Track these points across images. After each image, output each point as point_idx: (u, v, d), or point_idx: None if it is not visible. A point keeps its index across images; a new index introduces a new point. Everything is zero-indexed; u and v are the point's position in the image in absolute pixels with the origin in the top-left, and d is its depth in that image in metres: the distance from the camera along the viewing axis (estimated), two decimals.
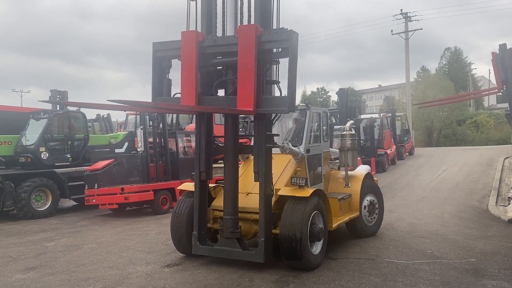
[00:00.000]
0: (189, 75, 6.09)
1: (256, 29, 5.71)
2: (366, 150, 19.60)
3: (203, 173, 6.49)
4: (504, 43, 9.22)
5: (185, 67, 6.16)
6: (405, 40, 34.75)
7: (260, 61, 5.86)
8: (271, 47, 5.94)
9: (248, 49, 5.71)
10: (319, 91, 68.77)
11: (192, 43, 6.06)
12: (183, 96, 6.14)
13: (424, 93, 40.86)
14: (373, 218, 8.33)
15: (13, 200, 11.49)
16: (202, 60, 6.20)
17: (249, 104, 5.69)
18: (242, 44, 5.77)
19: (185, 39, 6.14)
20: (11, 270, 6.68)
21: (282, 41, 5.75)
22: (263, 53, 5.85)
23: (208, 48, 6.19)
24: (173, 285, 5.68)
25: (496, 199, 12.36)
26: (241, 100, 5.76)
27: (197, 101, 6.08)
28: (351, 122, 9.04)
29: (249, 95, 5.70)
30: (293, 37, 5.65)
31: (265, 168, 6.08)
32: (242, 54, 5.77)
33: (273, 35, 5.79)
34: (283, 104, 5.70)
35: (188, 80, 6.11)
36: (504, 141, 33.50)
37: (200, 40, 6.10)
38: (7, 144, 12.78)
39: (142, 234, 9.13)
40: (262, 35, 5.77)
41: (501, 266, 6.27)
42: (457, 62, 58.72)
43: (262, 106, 5.81)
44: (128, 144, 14.38)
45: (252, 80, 5.68)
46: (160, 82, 6.63)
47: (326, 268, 6.25)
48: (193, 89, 6.06)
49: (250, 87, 5.69)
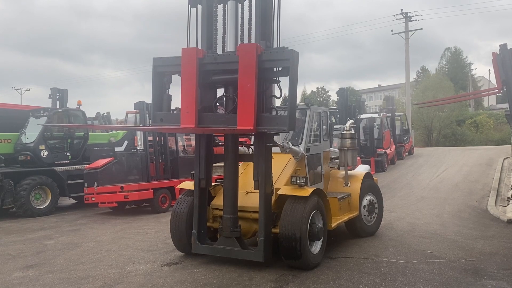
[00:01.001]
0: (189, 91, 6.09)
1: (256, 48, 5.71)
2: (366, 150, 19.62)
3: (203, 181, 6.50)
4: (505, 44, 9.23)
5: (185, 83, 6.15)
6: (405, 40, 34.72)
7: (261, 79, 5.86)
8: (271, 66, 5.94)
9: (249, 68, 5.71)
10: (319, 90, 68.89)
11: (193, 60, 6.05)
12: (183, 113, 6.14)
13: (424, 93, 40.86)
14: (373, 217, 8.34)
15: (12, 198, 11.49)
16: (202, 76, 6.20)
17: (249, 122, 5.69)
18: (242, 63, 5.76)
19: (185, 56, 6.14)
20: (10, 268, 6.68)
21: (283, 60, 5.75)
22: (263, 71, 5.85)
23: (208, 65, 6.19)
24: (172, 284, 5.68)
25: (496, 199, 12.37)
26: (241, 118, 5.76)
27: (197, 118, 6.07)
28: (351, 122, 9.04)
29: (250, 113, 5.70)
30: (293, 57, 5.64)
31: (265, 168, 6.08)
32: (242, 73, 5.77)
33: (273, 55, 5.80)
34: (283, 122, 5.68)
35: (188, 97, 6.10)
36: (503, 141, 33.54)
37: (201, 57, 6.09)
38: (7, 142, 12.77)
39: (142, 233, 9.13)
40: (263, 54, 5.77)
41: (500, 266, 6.27)
42: (457, 62, 58.74)
43: (262, 124, 5.79)
44: (127, 142, 14.37)
45: (253, 98, 5.68)
46: (160, 97, 6.65)
47: (325, 268, 6.26)
48: (193, 106, 6.05)
49: (250, 105, 5.69)
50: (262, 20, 6.08)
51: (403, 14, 34.67)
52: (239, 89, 5.79)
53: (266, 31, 6.12)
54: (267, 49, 5.92)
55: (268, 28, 6.15)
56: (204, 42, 6.42)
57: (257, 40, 6.09)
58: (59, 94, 15.37)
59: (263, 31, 6.10)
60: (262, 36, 6.09)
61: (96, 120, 20.44)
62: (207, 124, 6.14)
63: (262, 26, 6.09)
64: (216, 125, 6.13)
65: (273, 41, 6.21)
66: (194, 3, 6.53)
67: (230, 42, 6.43)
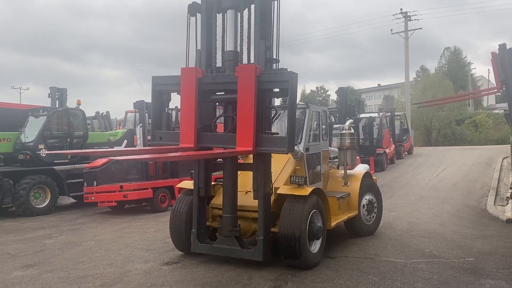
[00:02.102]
0: (189, 111, 6.12)
1: (255, 69, 5.73)
2: (365, 149, 19.61)
3: (202, 189, 6.51)
4: (504, 43, 9.23)
5: (185, 103, 6.18)
6: (405, 39, 34.75)
7: (260, 100, 5.87)
8: (270, 87, 5.97)
9: (248, 89, 5.74)
10: (319, 90, 68.84)
11: (192, 80, 6.08)
12: (182, 132, 6.17)
13: (423, 93, 40.87)
14: (372, 217, 8.35)
15: (12, 197, 11.49)
16: (202, 96, 6.23)
17: (248, 143, 5.72)
18: (241, 84, 5.79)
19: (185, 76, 6.17)
20: (9, 267, 6.69)
21: (282, 82, 5.78)
22: (262, 92, 5.88)
23: (208, 85, 6.23)
24: (171, 283, 5.69)
25: (495, 198, 12.39)
26: (240, 139, 5.79)
27: (196, 137, 6.10)
28: (350, 121, 9.04)
29: (249, 134, 5.73)
30: (292, 79, 5.67)
31: (264, 167, 6.09)
32: (241, 94, 5.80)
33: (272, 76, 5.84)
34: (282, 144, 5.70)
35: (187, 116, 6.14)
36: (503, 141, 33.53)
37: (200, 77, 6.12)
38: (6, 141, 12.77)
39: (141, 232, 9.14)
40: (262, 75, 5.79)
41: (499, 265, 6.29)
42: (457, 62, 58.79)
43: (262, 145, 5.81)
44: (127, 141, 14.37)
45: (252, 119, 5.71)
46: (159, 115, 6.70)
47: (324, 267, 6.27)
48: (192, 125, 6.08)
49: (249, 126, 5.72)
50: (261, 27, 6.11)
51: (402, 13, 34.71)
52: (238, 110, 5.83)
53: (265, 34, 6.13)
54: (266, 70, 5.95)
55: (268, 34, 6.15)
56: (203, 63, 6.41)
57: (256, 42, 6.08)
58: (58, 93, 15.35)
59: (263, 33, 6.12)
60: (262, 36, 6.10)
61: (96, 119, 20.46)
62: (206, 143, 6.19)
63: (261, 31, 6.11)
64: (215, 144, 6.19)
65: (273, 43, 6.22)
66: (193, 12, 6.55)
67: (229, 45, 6.43)
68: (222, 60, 6.57)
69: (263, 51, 6.07)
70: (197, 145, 6.13)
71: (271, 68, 6.21)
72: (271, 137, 5.95)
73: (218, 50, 6.59)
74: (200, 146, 6.19)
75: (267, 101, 6.13)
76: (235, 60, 6.33)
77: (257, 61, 6.09)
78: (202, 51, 6.48)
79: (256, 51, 6.15)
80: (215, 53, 6.52)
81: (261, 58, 6.06)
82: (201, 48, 6.50)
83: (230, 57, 6.36)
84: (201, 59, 6.46)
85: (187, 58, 6.65)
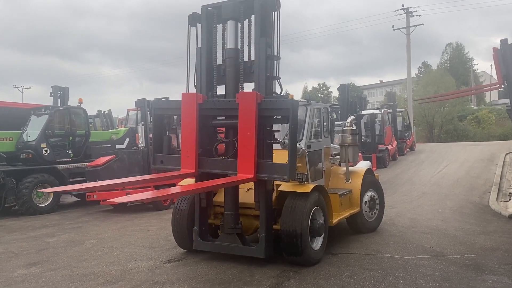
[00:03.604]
0: (189, 136, 6.14)
1: (256, 96, 5.73)
2: (367, 146, 19.59)
3: (203, 200, 6.53)
4: (506, 38, 9.21)
5: (185, 128, 6.21)
6: (407, 35, 34.67)
7: (261, 126, 5.87)
8: (271, 114, 5.97)
9: (249, 116, 5.75)
10: (320, 87, 68.71)
11: (192, 105, 6.11)
12: (183, 157, 6.18)
13: (425, 89, 40.75)
14: (374, 213, 8.35)
15: (14, 196, 11.53)
16: (203, 121, 6.26)
17: (249, 170, 5.73)
18: (242, 111, 5.80)
19: (186, 101, 6.19)
20: (13, 266, 6.72)
21: (283, 109, 5.79)
22: (263, 119, 5.89)
23: (208, 110, 6.25)
24: (174, 280, 5.70)
25: (497, 194, 12.36)
26: (241, 166, 5.80)
27: (197, 162, 6.12)
28: (351, 118, 9.01)
29: (250, 161, 5.74)
30: (294, 106, 5.67)
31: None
32: (242, 121, 5.81)
33: (273, 103, 5.85)
34: (283, 171, 5.69)
35: (188, 141, 6.16)
36: (505, 136, 33.46)
37: (200, 103, 6.14)
38: (9, 140, 12.81)
39: (144, 230, 9.16)
40: (263, 102, 5.80)
41: (501, 261, 6.28)
42: (459, 58, 58.57)
43: (263, 172, 5.81)
44: (129, 140, 14.40)
45: (253, 146, 5.72)
46: (160, 138, 6.78)
47: (326, 264, 6.27)
48: (193, 150, 6.11)
49: (250, 152, 5.73)
50: (262, 28, 6.12)
51: (404, 9, 34.62)
52: (239, 136, 5.85)
53: (266, 39, 6.12)
54: (267, 97, 5.95)
55: (269, 41, 6.15)
56: (203, 88, 6.41)
57: (257, 48, 6.08)
58: (60, 92, 15.39)
59: (263, 31, 6.12)
60: (262, 34, 6.08)
61: (98, 118, 20.49)
62: (207, 168, 6.21)
63: (262, 30, 6.11)
64: (216, 169, 6.20)
65: (274, 46, 6.24)
66: (193, 22, 6.56)
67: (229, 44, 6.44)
68: (223, 57, 6.58)
69: (264, 48, 6.06)
70: (198, 171, 6.17)
71: (272, 65, 6.21)
72: (272, 164, 5.96)
73: (219, 48, 6.60)
74: (201, 171, 6.22)
75: (267, 128, 6.13)
76: (236, 57, 6.34)
77: (258, 61, 6.09)
78: (202, 52, 6.48)
79: (256, 49, 6.15)
80: (215, 54, 6.53)
81: (262, 55, 6.06)
82: (201, 53, 6.50)
83: (231, 55, 6.36)
84: (202, 59, 6.47)
85: (187, 65, 6.68)
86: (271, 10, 6.17)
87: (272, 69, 6.24)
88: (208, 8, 6.48)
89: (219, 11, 6.43)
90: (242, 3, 6.28)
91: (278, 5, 6.15)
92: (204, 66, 6.46)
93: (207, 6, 6.48)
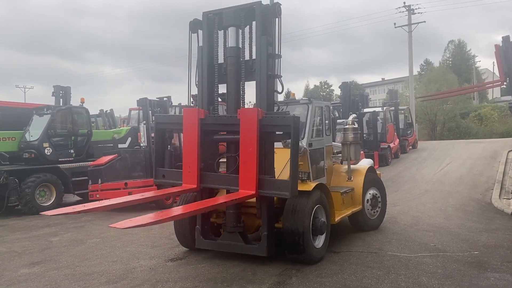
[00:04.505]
0: (191, 151, 6.16)
1: (257, 113, 5.73)
2: (369, 144, 19.55)
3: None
4: (507, 35, 9.17)
5: (187, 142, 6.23)
6: (408, 33, 34.57)
7: (262, 142, 5.87)
8: (272, 131, 5.97)
9: (250, 133, 5.76)
10: (322, 85, 68.62)
11: (194, 121, 6.13)
12: (185, 172, 6.20)
13: (427, 86, 40.65)
14: (376, 211, 8.34)
15: (17, 196, 11.58)
16: (204, 136, 6.27)
17: (251, 186, 5.73)
18: (244, 127, 5.81)
19: (187, 116, 6.21)
20: (16, 265, 6.74)
21: (284, 126, 5.79)
22: (264, 135, 5.89)
23: (210, 126, 6.27)
24: (176, 279, 5.72)
25: (500, 192, 12.34)
26: (243, 182, 5.80)
27: (199, 178, 6.14)
28: (353, 116, 9.00)
29: (251, 177, 5.74)
30: (295, 123, 5.68)
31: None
32: (243, 137, 5.82)
33: (274, 120, 5.85)
34: (285, 187, 5.68)
35: (190, 156, 6.18)
36: (508, 134, 33.38)
37: (202, 118, 6.16)
38: (11, 140, 12.85)
39: (146, 229, 9.15)
40: (264, 119, 5.80)
41: (504, 258, 6.27)
42: (461, 55, 58.34)
43: (264, 188, 5.80)
44: (131, 139, 14.38)
45: (254, 162, 5.72)
46: (162, 153, 6.83)
47: (328, 262, 6.28)
48: (195, 166, 6.12)
49: (252, 169, 5.74)
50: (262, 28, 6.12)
51: (406, 7, 34.52)
52: (240, 152, 5.86)
53: (267, 38, 6.12)
54: (268, 113, 5.96)
55: (270, 40, 6.14)
56: (205, 104, 6.44)
57: (258, 46, 6.06)
58: (62, 92, 15.39)
59: (264, 30, 6.11)
60: (263, 32, 6.06)
61: (100, 117, 20.51)
62: (209, 184, 6.24)
63: (263, 29, 6.11)
64: (218, 185, 6.24)
65: (275, 45, 6.24)
66: (194, 29, 6.57)
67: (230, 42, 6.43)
68: (224, 56, 6.58)
69: (265, 46, 6.06)
70: (199, 186, 6.18)
71: (273, 63, 6.21)
72: (274, 180, 5.96)
73: (220, 47, 6.60)
74: (203, 186, 6.23)
75: (269, 143, 6.13)
76: (237, 56, 6.34)
77: (259, 60, 6.09)
78: (203, 52, 6.47)
79: (257, 47, 6.15)
80: (217, 53, 6.53)
81: (263, 54, 6.07)
82: (202, 53, 6.50)
83: (232, 53, 6.36)
84: (203, 58, 6.48)
85: (189, 72, 6.68)
86: (272, 17, 6.17)
87: (273, 67, 6.23)
88: (209, 15, 6.47)
89: (220, 17, 6.43)
90: (243, 10, 6.27)
91: (279, 11, 6.15)
92: (205, 65, 6.46)
93: (208, 13, 6.47)
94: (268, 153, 6.11)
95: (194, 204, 5.74)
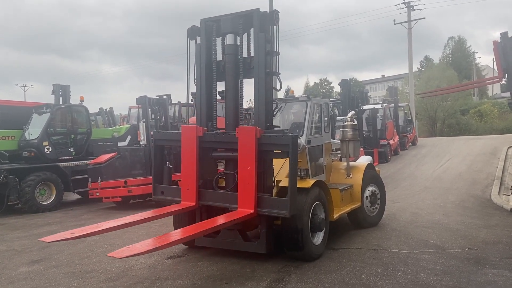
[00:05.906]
0: (190, 168, 6.17)
1: (256, 131, 5.74)
2: (369, 141, 19.53)
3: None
4: (506, 32, 9.17)
5: (186, 160, 6.23)
6: (408, 30, 34.51)
7: (260, 160, 5.87)
8: (271, 149, 5.97)
9: (248, 151, 5.77)
10: (322, 82, 68.56)
11: (192, 138, 6.14)
12: (184, 190, 6.22)
13: (427, 83, 40.63)
14: (375, 208, 8.35)
15: (17, 194, 11.60)
16: (202, 153, 6.28)
17: (250, 204, 5.74)
18: (242, 145, 5.82)
19: (186, 134, 6.23)
20: (16, 263, 6.76)
21: (282, 145, 5.80)
22: (263, 153, 5.90)
23: (208, 143, 6.28)
24: (176, 277, 5.73)
25: (499, 188, 12.33)
26: (242, 199, 5.81)
27: (197, 195, 6.15)
28: (352, 113, 9.01)
29: (250, 195, 5.75)
30: (293, 142, 5.68)
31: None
32: (242, 155, 5.83)
33: (273, 139, 5.85)
34: (284, 206, 5.67)
35: (188, 173, 6.19)
36: (508, 130, 33.38)
37: (200, 135, 6.17)
38: (11, 138, 12.86)
39: (146, 227, 9.17)
40: (262, 137, 5.81)
41: (502, 255, 6.28)
42: (461, 51, 58.24)
43: (263, 206, 5.80)
44: (130, 137, 14.42)
45: (253, 180, 5.73)
46: (160, 169, 6.80)
47: (327, 258, 6.29)
48: (193, 183, 6.13)
49: (250, 187, 5.75)
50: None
51: (405, 3, 34.47)
52: (239, 170, 5.86)
53: (265, 35, 6.13)
54: (267, 131, 5.96)
55: (268, 37, 6.15)
56: (203, 121, 6.44)
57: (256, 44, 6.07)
58: (61, 90, 15.38)
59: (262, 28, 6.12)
60: (262, 31, 6.06)
61: (99, 115, 20.52)
62: (208, 201, 6.24)
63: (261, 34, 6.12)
64: (216, 202, 6.22)
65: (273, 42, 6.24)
66: (192, 36, 6.57)
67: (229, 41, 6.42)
68: (222, 53, 6.58)
69: (263, 44, 6.06)
70: (198, 203, 6.19)
71: (271, 61, 6.21)
72: (272, 199, 5.96)
73: (218, 44, 6.59)
74: (202, 204, 6.24)
75: (267, 161, 6.13)
76: (235, 53, 6.34)
77: (257, 57, 6.08)
78: (202, 50, 6.47)
79: (255, 45, 6.14)
80: (215, 50, 6.53)
81: (261, 51, 6.06)
82: (201, 51, 6.49)
83: (230, 51, 6.36)
84: (201, 56, 6.48)
85: (187, 78, 6.70)
86: (270, 24, 6.17)
87: (272, 64, 6.23)
88: (207, 22, 6.46)
89: (218, 24, 6.42)
90: (241, 17, 6.27)
91: (277, 19, 6.15)
92: (203, 63, 6.46)
93: (206, 20, 6.46)
94: (267, 171, 6.11)
95: (192, 227, 5.71)
